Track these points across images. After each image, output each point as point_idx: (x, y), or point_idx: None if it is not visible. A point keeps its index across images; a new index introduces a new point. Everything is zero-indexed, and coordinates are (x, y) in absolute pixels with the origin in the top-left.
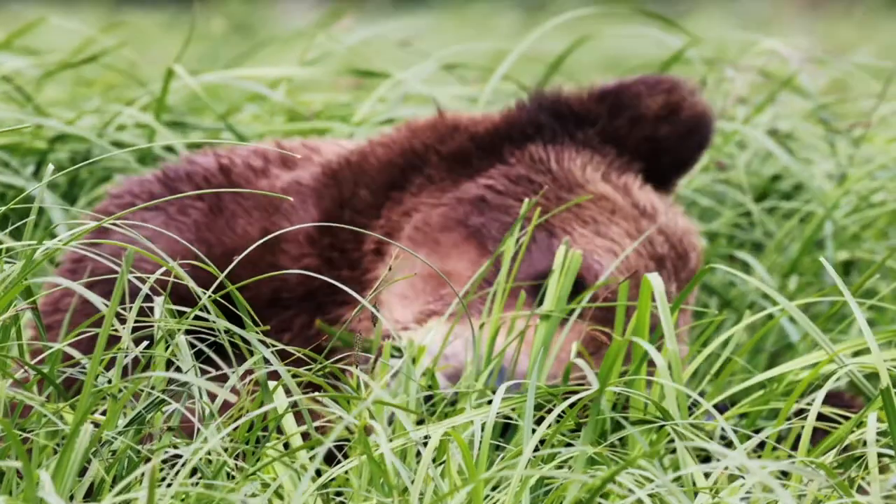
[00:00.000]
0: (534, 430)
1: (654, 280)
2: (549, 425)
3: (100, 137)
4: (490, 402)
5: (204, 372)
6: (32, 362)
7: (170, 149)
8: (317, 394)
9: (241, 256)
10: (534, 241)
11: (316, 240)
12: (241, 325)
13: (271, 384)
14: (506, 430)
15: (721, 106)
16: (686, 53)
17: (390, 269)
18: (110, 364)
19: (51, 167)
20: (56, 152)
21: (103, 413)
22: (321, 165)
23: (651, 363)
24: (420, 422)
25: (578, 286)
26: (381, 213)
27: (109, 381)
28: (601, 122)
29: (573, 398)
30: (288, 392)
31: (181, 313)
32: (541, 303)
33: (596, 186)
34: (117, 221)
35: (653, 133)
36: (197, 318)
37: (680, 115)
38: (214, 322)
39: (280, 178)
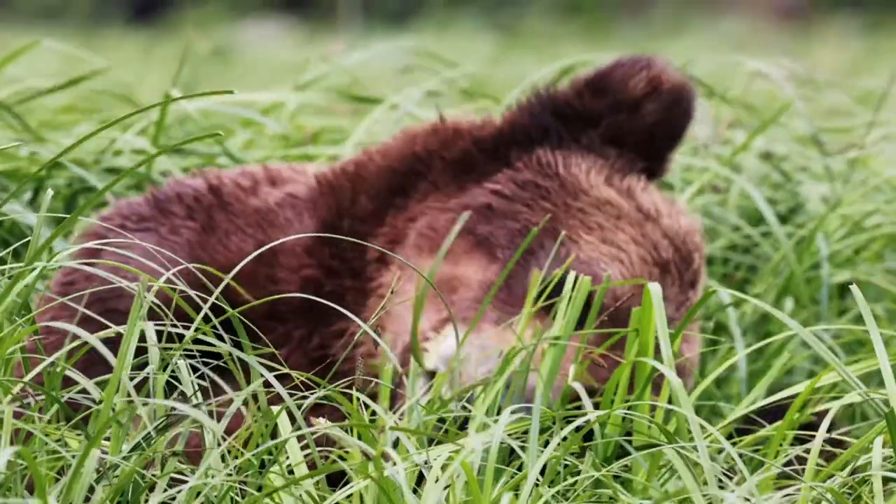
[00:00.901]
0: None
1: (655, 288)
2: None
3: (97, 164)
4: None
5: (206, 390)
6: (28, 384)
7: (164, 174)
8: (325, 422)
9: (233, 272)
10: (541, 247)
11: (314, 250)
12: (241, 342)
13: (275, 408)
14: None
15: (712, 133)
16: None
17: (399, 277)
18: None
19: (49, 193)
20: (54, 178)
21: (106, 438)
22: (316, 178)
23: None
24: (431, 441)
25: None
26: (385, 221)
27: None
28: (606, 120)
29: (577, 422)
30: (293, 420)
31: (182, 335)
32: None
33: (600, 191)
34: (109, 242)
35: (642, 114)
36: (198, 340)
37: (661, 89)
38: (214, 345)
39: (272, 195)
